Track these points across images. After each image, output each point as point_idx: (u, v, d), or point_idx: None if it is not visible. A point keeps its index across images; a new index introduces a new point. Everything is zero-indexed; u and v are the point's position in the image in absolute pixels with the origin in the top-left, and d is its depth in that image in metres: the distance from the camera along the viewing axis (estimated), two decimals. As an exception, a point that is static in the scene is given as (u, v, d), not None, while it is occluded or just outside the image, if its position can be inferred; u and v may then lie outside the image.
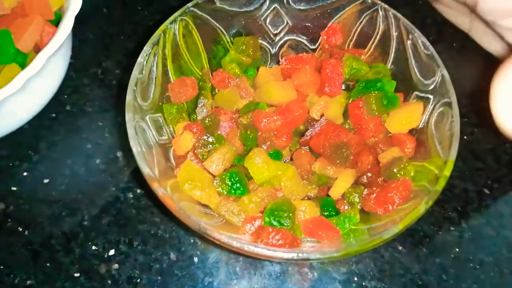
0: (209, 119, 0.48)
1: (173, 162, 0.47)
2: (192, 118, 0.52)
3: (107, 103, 0.62)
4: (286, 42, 0.57)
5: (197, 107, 0.52)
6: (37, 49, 0.54)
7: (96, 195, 0.55)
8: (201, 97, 0.52)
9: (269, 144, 0.48)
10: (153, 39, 0.46)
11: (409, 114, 0.45)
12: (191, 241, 0.52)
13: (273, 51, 0.58)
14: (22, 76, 0.47)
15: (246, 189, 0.44)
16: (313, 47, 0.57)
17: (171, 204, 0.37)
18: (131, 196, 0.55)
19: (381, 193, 0.42)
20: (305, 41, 0.57)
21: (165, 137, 0.48)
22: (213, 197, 0.44)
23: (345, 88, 0.54)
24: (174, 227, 0.53)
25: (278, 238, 0.39)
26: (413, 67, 0.47)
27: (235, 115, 0.51)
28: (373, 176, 0.45)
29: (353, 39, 0.53)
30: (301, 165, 0.48)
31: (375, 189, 0.43)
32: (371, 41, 0.52)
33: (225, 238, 0.36)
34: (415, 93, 0.47)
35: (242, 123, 0.49)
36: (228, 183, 0.44)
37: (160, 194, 0.38)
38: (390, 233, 0.36)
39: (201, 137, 0.46)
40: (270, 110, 0.50)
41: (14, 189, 0.55)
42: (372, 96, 0.46)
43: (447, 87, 0.42)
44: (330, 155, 0.46)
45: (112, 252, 0.51)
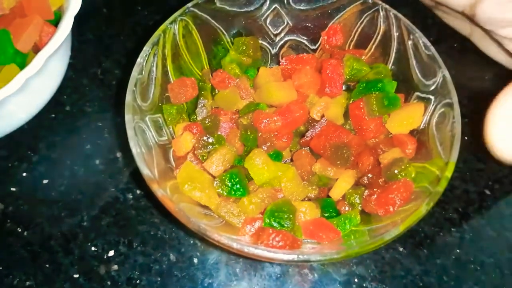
0: (209, 120, 0.48)
1: (173, 163, 0.47)
2: (192, 118, 0.51)
3: (107, 104, 0.62)
4: (286, 42, 0.57)
5: (197, 108, 0.52)
6: (36, 49, 0.53)
7: (95, 196, 0.55)
8: (201, 98, 0.52)
9: (269, 144, 0.48)
10: (153, 39, 0.46)
11: (410, 114, 0.45)
12: (191, 242, 0.52)
13: (274, 51, 0.58)
14: (21, 76, 0.47)
15: (246, 190, 0.44)
16: (314, 47, 0.56)
17: (171, 205, 0.37)
18: (131, 197, 0.55)
19: (382, 194, 0.42)
20: (305, 42, 0.56)
21: (164, 137, 0.47)
22: (213, 198, 0.43)
23: (345, 88, 0.53)
24: (173, 228, 0.53)
25: (278, 239, 0.39)
26: (414, 67, 0.47)
27: (235, 116, 0.51)
28: (374, 177, 0.45)
29: (354, 40, 0.53)
30: (302, 166, 0.47)
31: (376, 190, 0.43)
32: (372, 42, 0.52)
33: (225, 239, 0.36)
34: (416, 94, 0.47)
35: (242, 123, 0.48)
36: (228, 184, 0.43)
37: (159, 195, 0.38)
38: (391, 235, 0.36)
39: (201, 137, 0.46)
40: (270, 110, 0.49)
41: (13, 189, 0.55)
42: (373, 96, 0.46)
43: (448, 88, 0.42)
44: (330, 156, 0.46)
45: (111, 253, 0.51)
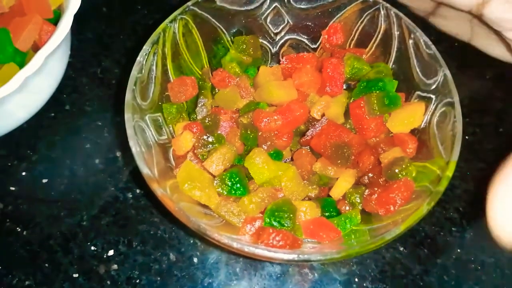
0: (209, 119, 0.48)
1: (173, 162, 0.47)
2: (192, 117, 0.51)
3: (107, 103, 0.62)
4: (286, 41, 0.57)
5: (197, 107, 0.52)
6: (36, 48, 0.53)
7: (95, 195, 0.55)
8: (201, 97, 0.52)
9: (269, 144, 0.48)
10: (153, 38, 0.46)
11: (410, 114, 0.45)
12: (191, 241, 0.52)
13: (274, 50, 0.57)
14: (20, 75, 0.46)
15: (246, 190, 0.44)
16: (314, 46, 0.56)
17: (171, 204, 0.37)
18: (131, 196, 0.55)
19: (382, 194, 0.42)
20: (306, 40, 0.56)
21: (164, 137, 0.47)
22: (213, 197, 0.43)
23: (346, 87, 0.53)
24: (173, 227, 0.53)
25: (278, 239, 0.39)
26: (415, 66, 0.47)
27: (235, 115, 0.51)
28: (375, 176, 0.45)
29: (354, 38, 0.53)
30: (302, 165, 0.47)
31: (376, 189, 0.43)
32: (373, 41, 0.51)
33: (225, 239, 0.36)
34: (417, 93, 0.47)
35: (242, 122, 0.48)
36: (228, 183, 0.43)
37: (159, 194, 0.38)
38: (392, 234, 0.36)
39: (201, 137, 0.46)
40: (270, 109, 0.49)
41: (12, 189, 0.55)
42: (373, 95, 0.46)
43: (450, 87, 0.42)
44: (331, 155, 0.45)
45: (111, 252, 0.51)
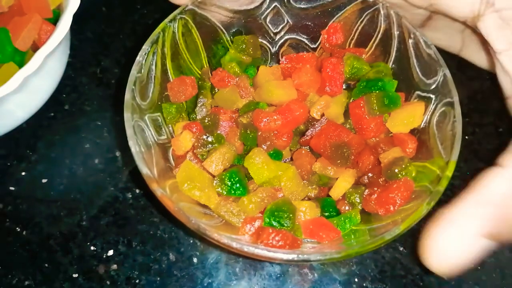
0: (209, 119, 0.48)
1: (172, 162, 0.47)
2: (191, 117, 0.51)
3: (106, 102, 0.62)
4: (286, 41, 0.57)
5: (197, 107, 0.51)
6: (35, 48, 0.53)
7: (94, 195, 0.55)
8: (201, 97, 0.51)
9: (269, 144, 0.47)
10: (152, 37, 0.45)
11: (410, 114, 0.45)
12: (191, 241, 0.52)
13: (273, 50, 0.57)
14: (20, 75, 0.46)
15: (246, 190, 0.44)
16: (314, 46, 0.56)
17: (170, 204, 0.37)
18: (130, 196, 0.55)
19: (382, 194, 0.41)
20: (305, 40, 0.56)
21: (164, 136, 0.47)
22: (213, 197, 0.43)
23: (345, 87, 0.53)
24: (173, 227, 0.53)
25: (278, 239, 0.38)
26: (415, 66, 0.47)
27: (235, 115, 0.51)
28: (374, 176, 0.45)
29: (354, 38, 0.53)
30: (302, 165, 0.47)
31: (376, 189, 0.43)
32: (372, 40, 0.51)
33: (225, 239, 0.36)
34: (417, 93, 0.47)
35: (242, 122, 0.48)
36: (227, 183, 0.43)
37: (159, 194, 0.37)
38: (392, 234, 0.36)
39: (201, 136, 0.46)
40: (270, 109, 0.49)
41: (12, 189, 0.55)
42: (373, 95, 0.46)
43: (449, 87, 0.42)
44: (330, 155, 0.45)
45: (110, 252, 0.51)
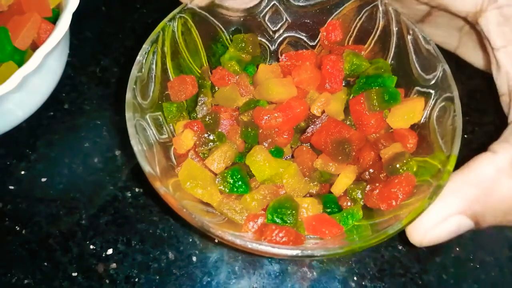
0: (210, 117, 0.48)
1: (174, 161, 0.46)
2: (192, 116, 0.51)
3: (105, 102, 0.62)
4: (285, 39, 0.57)
5: (197, 105, 0.51)
6: (35, 47, 0.53)
7: (94, 194, 0.54)
8: (201, 95, 0.51)
9: (270, 141, 0.47)
10: (152, 37, 0.45)
11: (410, 109, 0.45)
12: (190, 240, 0.52)
13: (273, 48, 0.57)
14: (19, 74, 0.46)
15: (248, 187, 0.44)
16: (313, 43, 0.56)
17: (174, 202, 0.37)
18: (129, 195, 0.55)
19: (384, 189, 0.41)
20: (304, 38, 0.56)
21: (165, 135, 0.47)
22: (215, 195, 0.43)
23: (345, 84, 0.53)
24: (172, 226, 0.52)
25: (282, 235, 0.38)
26: (414, 62, 0.47)
27: (235, 113, 0.51)
28: (375, 172, 0.45)
29: (353, 35, 0.53)
30: (303, 162, 0.47)
31: (377, 185, 0.43)
32: (371, 37, 0.51)
33: (229, 236, 0.35)
34: (416, 88, 0.47)
35: (242, 120, 0.48)
36: (230, 181, 0.43)
37: (162, 192, 0.37)
38: (394, 228, 0.35)
39: (202, 135, 0.46)
40: (270, 107, 0.49)
41: (11, 188, 0.55)
42: (373, 91, 0.46)
43: (449, 82, 0.42)
44: (331, 152, 0.45)
45: (110, 251, 0.51)
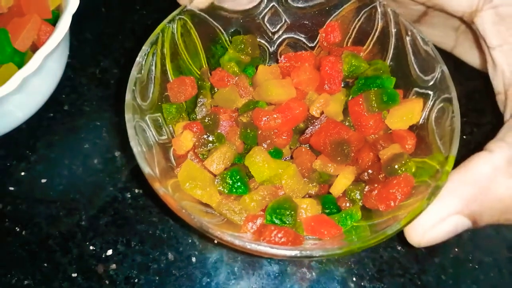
0: (209, 118, 0.48)
1: (173, 162, 0.46)
2: (191, 117, 0.51)
3: (105, 103, 0.62)
4: (284, 40, 0.57)
5: (197, 107, 0.52)
6: (35, 48, 0.53)
7: (94, 195, 0.55)
8: (200, 96, 0.52)
9: (269, 142, 0.48)
10: (152, 38, 0.46)
11: (409, 110, 0.45)
12: (189, 241, 0.52)
13: (272, 49, 0.57)
14: (19, 75, 0.46)
15: (247, 188, 0.44)
16: (312, 45, 0.56)
17: (173, 203, 0.37)
18: (129, 196, 0.55)
19: (382, 190, 0.41)
20: (303, 39, 0.56)
21: (164, 137, 0.47)
22: (214, 196, 0.43)
23: (344, 85, 0.53)
24: (172, 227, 0.53)
25: (280, 236, 0.38)
26: (413, 63, 0.47)
27: (235, 114, 0.51)
28: (374, 173, 0.45)
29: (352, 37, 0.53)
30: (302, 163, 0.47)
31: (376, 185, 0.43)
32: (370, 38, 0.51)
33: (228, 236, 0.36)
34: (415, 90, 0.47)
35: (242, 121, 0.48)
36: (229, 181, 0.43)
37: (161, 193, 0.37)
38: (393, 229, 0.36)
39: (201, 136, 0.46)
40: (269, 108, 0.49)
41: (11, 189, 0.55)
42: (372, 93, 0.46)
43: (447, 83, 0.42)
44: (330, 153, 0.45)
45: (109, 252, 0.51)
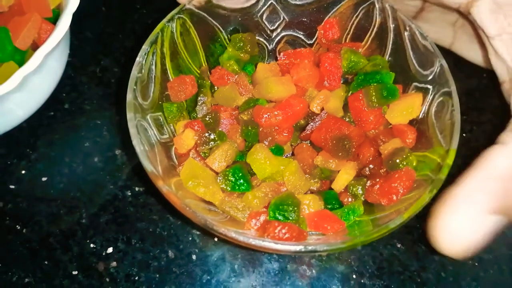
0: (210, 117, 0.48)
1: (175, 160, 0.47)
2: (192, 116, 0.51)
3: (106, 102, 0.62)
4: (283, 38, 0.57)
5: (197, 105, 0.52)
6: (35, 47, 0.53)
7: (94, 193, 0.54)
8: (201, 95, 0.52)
9: (270, 139, 0.48)
10: (151, 37, 0.46)
11: (409, 105, 0.45)
12: (190, 238, 0.52)
13: (270, 47, 0.58)
14: (19, 73, 0.46)
15: (249, 185, 0.44)
16: (310, 42, 0.57)
17: (177, 201, 0.37)
18: (130, 194, 0.55)
19: (384, 184, 0.42)
20: (302, 37, 0.56)
21: (166, 135, 0.47)
22: (217, 194, 0.43)
23: (344, 81, 0.53)
24: (172, 225, 0.53)
25: (284, 231, 0.38)
26: (411, 58, 0.47)
27: (235, 112, 0.51)
28: (375, 167, 0.45)
29: (350, 33, 0.53)
30: (303, 159, 0.47)
31: (378, 180, 0.43)
32: (368, 34, 0.52)
33: (232, 233, 0.36)
34: (414, 84, 0.47)
35: (242, 119, 0.48)
36: (231, 179, 0.43)
37: (165, 191, 0.37)
38: (396, 223, 0.36)
39: (203, 134, 0.46)
40: (269, 105, 0.49)
41: (12, 187, 0.55)
42: (371, 88, 0.46)
43: (446, 77, 0.42)
44: (331, 149, 0.46)
45: (110, 250, 0.51)
